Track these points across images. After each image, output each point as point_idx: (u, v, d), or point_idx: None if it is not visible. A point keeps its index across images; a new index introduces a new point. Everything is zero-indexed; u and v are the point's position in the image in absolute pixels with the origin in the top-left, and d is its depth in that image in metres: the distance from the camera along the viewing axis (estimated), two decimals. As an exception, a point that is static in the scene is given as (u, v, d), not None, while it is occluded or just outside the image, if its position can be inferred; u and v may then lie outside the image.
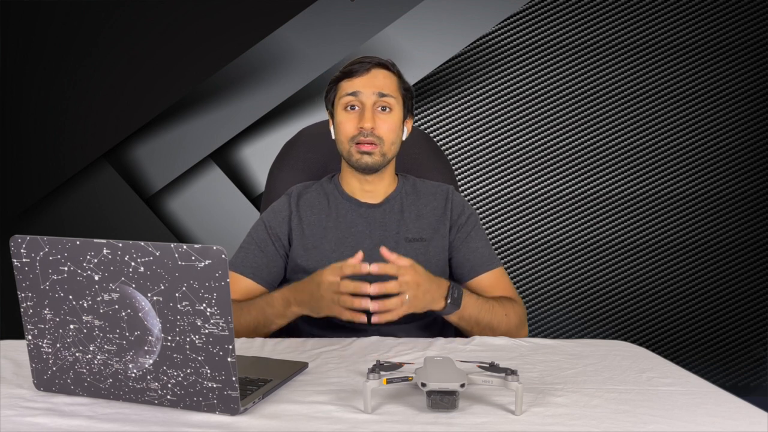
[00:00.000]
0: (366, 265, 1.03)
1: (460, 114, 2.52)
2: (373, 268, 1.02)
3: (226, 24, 2.37)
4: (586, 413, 0.75)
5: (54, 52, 2.40)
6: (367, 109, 1.24)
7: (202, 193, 2.48)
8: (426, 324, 1.29)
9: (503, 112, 2.53)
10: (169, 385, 0.74)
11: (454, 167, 2.50)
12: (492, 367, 0.80)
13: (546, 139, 2.53)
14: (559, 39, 2.50)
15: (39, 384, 0.81)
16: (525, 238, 2.56)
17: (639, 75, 2.51)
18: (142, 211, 2.44)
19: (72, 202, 2.46)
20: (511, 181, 2.54)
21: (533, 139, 2.53)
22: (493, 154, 2.54)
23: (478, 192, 2.55)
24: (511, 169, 2.54)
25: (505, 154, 2.54)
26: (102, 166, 2.44)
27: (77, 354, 0.77)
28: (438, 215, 1.31)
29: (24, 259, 0.75)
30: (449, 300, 1.11)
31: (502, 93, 2.52)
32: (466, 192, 2.54)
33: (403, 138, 1.32)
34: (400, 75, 1.31)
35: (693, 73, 2.51)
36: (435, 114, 2.52)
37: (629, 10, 2.49)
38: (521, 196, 2.55)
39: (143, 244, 0.70)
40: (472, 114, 2.52)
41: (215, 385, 0.72)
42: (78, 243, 0.73)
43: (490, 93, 2.52)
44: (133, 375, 0.75)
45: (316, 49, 2.38)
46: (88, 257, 0.72)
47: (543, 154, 2.54)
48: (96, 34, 2.40)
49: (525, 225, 2.55)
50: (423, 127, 2.52)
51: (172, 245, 0.69)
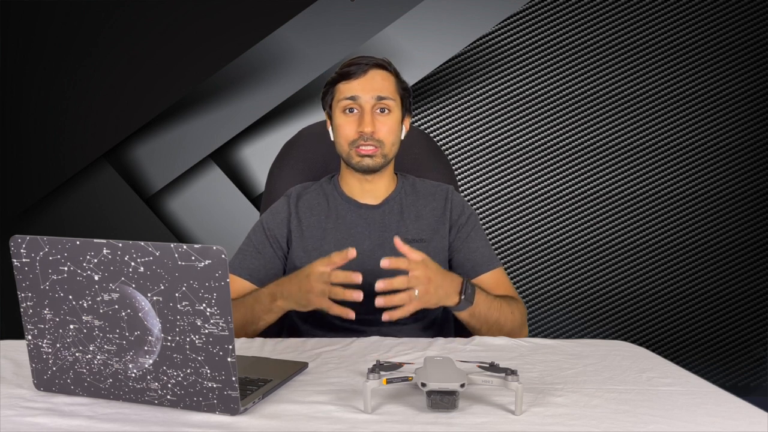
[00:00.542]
0: (359, 276, 1.01)
1: (460, 114, 2.52)
2: (384, 262, 1.00)
3: (226, 24, 2.37)
4: (586, 413, 0.75)
5: (54, 52, 2.40)
6: (367, 113, 1.23)
7: (202, 193, 2.48)
8: (426, 325, 1.29)
9: (503, 112, 2.53)
10: (169, 385, 0.74)
11: (454, 167, 2.49)
12: (492, 367, 0.80)
13: (546, 139, 2.53)
14: (559, 39, 2.50)
15: (39, 384, 0.81)
16: (525, 238, 2.56)
17: (639, 75, 2.51)
18: (142, 211, 2.44)
19: (72, 202, 2.46)
20: (511, 181, 2.54)
21: (533, 139, 2.53)
22: (493, 154, 2.54)
23: (478, 192, 2.55)
24: (511, 169, 2.54)
25: (505, 154, 2.54)
26: (102, 166, 2.44)
27: (77, 354, 0.77)
28: (437, 216, 1.31)
29: (24, 259, 0.75)
30: (463, 296, 1.10)
31: (502, 93, 2.52)
32: (466, 192, 2.54)
33: (402, 137, 1.32)
34: (397, 74, 1.29)
35: (693, 73, 2.51)
36: (435, 114, 2.52)
37: (629, 10, 2.49)
38: (521, 196, 2.55)
39: (143, 244, 0.70)
40: (472, 114, 2.52)
41: (215, 385, 0.72)
42: (78, 243, 0.73)
43: (490, 93, 2.52)
44: (133, 375, 0.75)
45: (316, 49, 2.37)
46: (88, 257, 0.72)
47: (543, 154, 2.54)
48: (96, 34, 2.39)
49: (525, 225, 2.55)
50: (423, 127, 2.52)
51: (172, 245, 0.69)
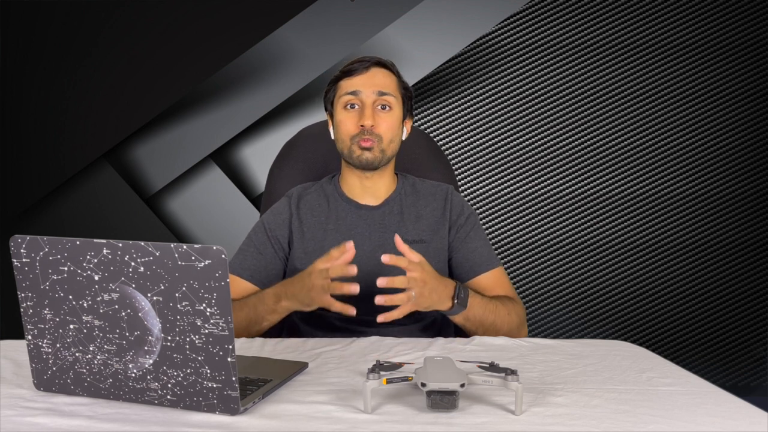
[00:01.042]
0: (354, 268, 1.04)
1: (460, 114, 2.52)
2: (385, 258, 1.01)
3: (226, 24, 2.37)
4: (586, 413, 0.75)
5: (54, 52, 2.40)
6: (367, 107, 1.24)
7: (202, 193, 2.48)
8: (425, 325, 1.29)
9: (503, 112, 2.53)
10: (169, 385, 0.74)
11: (454, 167, 2.49)
12: (492, 367, 0.80)
13: (546, 139, 2.53)
14: (559, 39, 2.50)
15: (39, 384, 0.81)
16: (525, 238, 2.56)
17: (639, 75, 2.51)
18: (142, 211, 2.44)
19: (72, 202, 2.46)
20: (511, 181, 2.54)
21: (533, 139, 2.53)
22: (493, 154, 2.54)
23: (478, 192, 2.54)
24: (511, 169, 2.54)
25: (505, 154, 2.54)
26: (102, 166, 2.44)
27: (77, 354, 0.77)
28: (437, 216, 1.31)
29: (24, 259, 0.75)
30: (456, 300, 1.10)
31: (502, 93, 2.52)
32: (466, 192, 2.54)
33: (403, 138, 1.32)
34: (399, 75, 1.31)
35: (693, 73, 2.51)
36: (435, 114, 2.52)
37: (629, 10, 2.49)
38: (521, 196, 2.55)
39: (143, 244, 0.70)
40: (472, 114, 2.52)
41: (215, 385, 0.72)
42: (78, 243, 0.73)
43: (490, 93, 2.52)
44: (133, 375, 0.75)
45: (316, 49, 2.37)
46: (88, 257, 0.72)
47: (543, 154, 2.54)
48: (96, 34, 2.39)
49: (525, 225, 2.55)
50: (423, 127, 2.52)
51: (172, 245, 0.69)
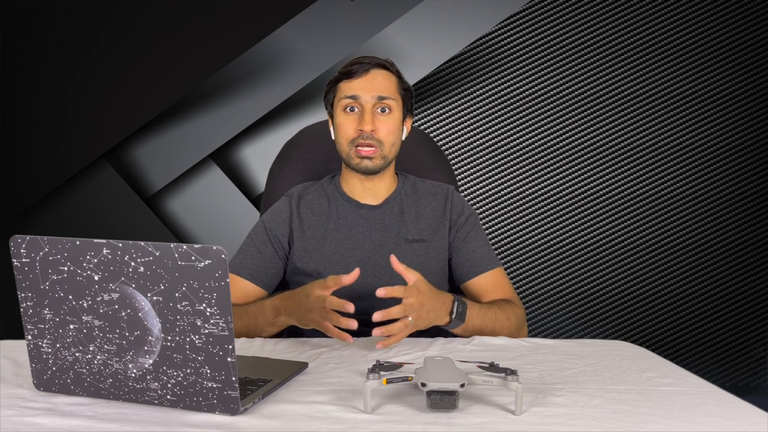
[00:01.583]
0: (351, 306, 0.99)
1: (460, 114, 2.52)
2: (380, 292, 0.98)
3: (226, 24, 2.37)
4: (586, 413, 0.75)
5: (54, 52, 2.40)
6: (367, 112, 1.23)
7: (202, 193, 2.48)
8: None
9: (503, 112, 2.53)
10: (169, 385, 0.74)
11: (454, 167, 2.49)
12: (492, 367, 0.80)
13: (546, 139, 2.53)
14: (559, 39, 2.50)
15: (39, 384, 0.81)
16: (525, 238, 2.56)
17: (639, 75, 2.51)
18: (142, 211, 2.43)
19: (72, 202, 2.46)
20: (511, 181, 2.54)
21: (533, 139, 2.53)
22: (493, 154, 2.54)
23: (478, 192, 2.54)
24: (511, 169, 2.54)
25: (505, 154, 2.54)
26: (102, 166, 2.44)
27: (77, 354, 0.77)
28: (438, 216, 1.31)
29: (24, 259, 0.75)
30: (453, 315, 1.10)
31: (502, 93, 2.52)
32: (466, 192, 2.54)
33: (403, 138, 1.32)
34: (399, 75, 1.30)
35: (693, 73, 2.51)
36: (435, 114, 2.52)
37: (629, 10, 2.49)
38: (521, 196, 2.55)
39: (143, 244, 0.70)
40: (472, 114, 2.52)
41: (215, 385, 0.72)
42: (78, 243, 0.73)
43: (490, 93, 2.52)
44: (133, 375, 0.75)
45: (316, 49, 2.37)
46: (88, 257, 0.72)
47: (543, 154, 2.54)
48: (96, 34, 2.39)
49: (525, 225, 2.55)
50: (423, 127, 2.52)
51: (172, 245, 0.69)
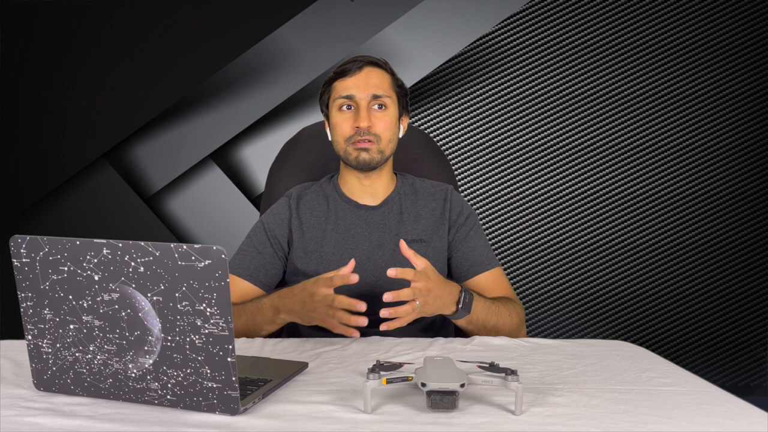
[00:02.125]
0: (355, 277, 1.03)
1: (460, 114, 2.52)
2: (391, 272, 1.00)
3: (226, 24, 2.37)
4: (586, 413, 0.75)
5: (54, 52, 2.40)
6: (362, 108, 1.24)
7: (202, 193, 2.48)
8: (425, 325, 1.29)
9: (503, 112, 2.53)
10: (169, 385, 0.74)
11: (454, 167, 2.49)
12: (492, 367, 0.80)
13: (546, 139, 2.53)
14: (559, 39, 2.50)
15: (39, 384, 0.81)
16: (525, 238, 2.56)
17: (639, 75, 2.51)
18: (142, 211, 2.43)
19: (72, 202, 2.46)
20: (511, 181, 2.54)
21: (533, 139, 2.53)
22: (493, 154, 2.54)
23: (478, 192, 2.54)
24: (511, 169, 2.54)
25: (505, 154, 2.54)
26: (102, 166, 2.44)
27: (77, 354, 0.77)
28: (437, 216, 1.31)
29: (24, 259, 0.75)
30: (460, 305, 1.11)
31: (502, 93, 2.52)
32: (466, 192, 2.54)
33: (400, 136, 1.32)
34: (393, 73, 1.31)
35: (693, 73, 2.51)
36: (435, 114, 2.52)
37: (629, 10, 2.49)
38: (521, 196, 2.55)
39: (143, 244, 0.70)
40: (472, 114, 2.52)
41: (215, 385, 0.72)
42: (78, 243, 0.73)
43: (490, 93, 2.52)
44: (133, 375, 0.75)
45: (316, 49, 2.37)
46: (88, 257, 0.72)
47: (543, 154, 2.54)
48: (96, 34, 2.39)
49: (525, 225, 2.55)
50: (423, 127, 2.52)
51: (172, 245, 0.69)
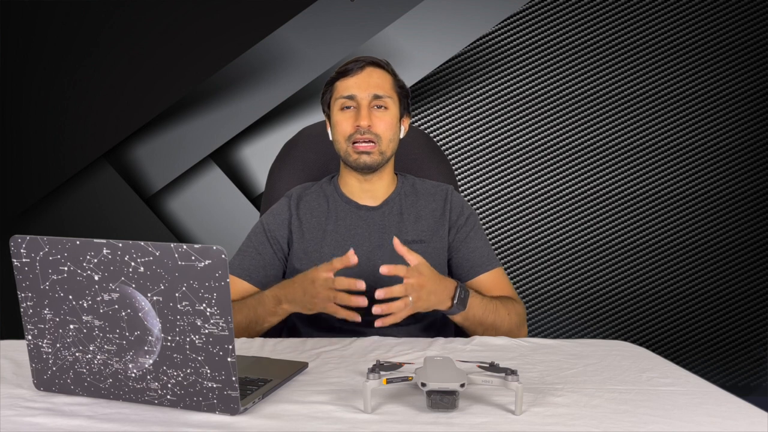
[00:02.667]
0: (355, 259, 1.05)
1: (460, 114, 2.52)
2: (383, 269, 1.02)
3: (226, 24, 2.37)
4: (586, 413, 0.75)
5: (54, 52, 2.40)
6: (363, 108, 1.24)
7: (202, 193, 2.48)
8: (426, 325, 1.29)
9: (503, 112, 2.53)
10: (169, 385, 0.74)
11: (454, 167, 2.49)
12: (492, 367, 0.80)
13: (546, 139, 2.53)
14: (559, 39, 2.50)
15: (39, 384, 0.81)
16: (525, 238, 2.56)
17: (639, 75, 2.51)
18: (142, 211, 2.43)
19: (72, 202, 2.46)
20: (511, 181, 2.54)
21: (533, 139, 2.53)
22: (493, 154, 2.54)
23: (478, 192, 2.54)
24: (511, 169, 2.54)
25: (505, 154, 2.54)
26: (102, 166, 2.44)
27: (77, 354, 0.77)
28: (437, 216, 1.31)
29: (24, 259, 0.75)
30: (455, 300, 1.11)
31: (502, 93, 2.52)
32: (466, 192, 2.54)
33: (401, 136, 1.32)
34: (394, 74, 1.31)
35: (693, 73, 2.51)
36: (435, 114, 2.52)
37: (629, 10, 2.49)
38: (521, 196, 2.55)
39: (143, 244, 0.70)
40: (472, 114, 2.52)
41: (215, 385, 0.72)
42: (78, 243, 0.73)
43: (490, 93, 2.52)
44: (133, 375, 0.75)
45: (316, 49, 2.37)
46: (88, 257, 0.72)
47: (543, 154, 2.54)
48: (96, 34, 2.39)
49: (525, 225, 2.55)
50: (423, 127, 2.52)
51: (172, 245, 0.69)
